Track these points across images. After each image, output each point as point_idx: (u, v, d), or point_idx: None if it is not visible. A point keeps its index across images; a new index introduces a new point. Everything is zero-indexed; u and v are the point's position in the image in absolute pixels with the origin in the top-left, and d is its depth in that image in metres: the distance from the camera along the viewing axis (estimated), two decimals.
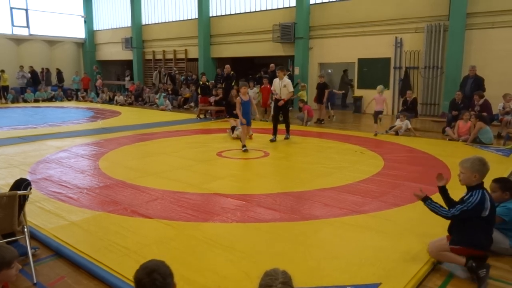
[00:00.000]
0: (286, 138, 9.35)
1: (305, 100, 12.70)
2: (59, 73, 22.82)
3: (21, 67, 21.69)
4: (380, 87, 10.71)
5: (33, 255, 3.34)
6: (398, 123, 10.23)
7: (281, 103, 9.11)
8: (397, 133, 10.05)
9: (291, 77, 15.73)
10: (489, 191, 3.78)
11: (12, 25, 24.29)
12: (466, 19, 12.57)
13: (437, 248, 3.30)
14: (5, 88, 19.98)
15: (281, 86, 9.16)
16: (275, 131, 9.20)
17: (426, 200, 3.34)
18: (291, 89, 9.30)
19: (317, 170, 6.49)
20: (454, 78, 12.54)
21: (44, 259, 3.50)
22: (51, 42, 25.80)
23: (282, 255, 3.47)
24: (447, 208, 3.30)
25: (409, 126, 10.12)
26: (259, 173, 6.56)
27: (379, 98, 10.50)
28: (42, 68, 22.69)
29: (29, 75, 21.79)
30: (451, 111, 10.25)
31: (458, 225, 3.25)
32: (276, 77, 9.40)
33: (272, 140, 9.06)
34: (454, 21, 12.63)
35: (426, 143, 8.93)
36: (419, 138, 9.74)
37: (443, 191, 3.42)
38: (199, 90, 14.79)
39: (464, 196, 3.22)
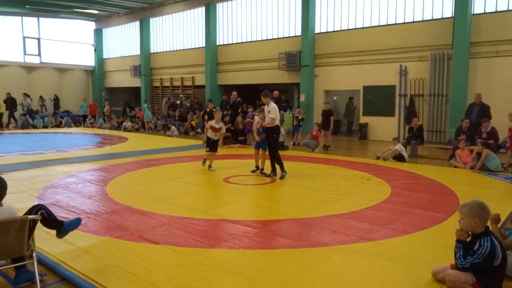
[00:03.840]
0: (281, 177, 7.81)
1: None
2: (56, 99, 23.09)
3: (25, 94, 21.88)
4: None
5: (40, 281, 3.32)
6: (398, 147, 10.22)
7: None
8: (403, 159, 10.01)
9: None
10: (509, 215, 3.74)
11: (24, 53, 25.00)
12: (469, 48, 12.76)
13: (461, 280, 3.15)
14: (1, 115, 19.84)
15: (266, 112, 8.00)
16: (272, 167, 8.11)
17: (460, 242, 3.26)
18: (273, 115, 7.85)
19: (324, 197, 6.47)
20: (460, 106, 12.60)
21: (51, 284, 3.48)
22: (62, 69, 26.45)
23: (290, 282, 3.43)
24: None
25: (404, 154, 10.09)
26: (266, 199, 6.54)
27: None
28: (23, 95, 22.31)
29: (30, 102, 21.73)
30: (457, 138, 10.25)
31: None
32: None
33: (268, 175, 8.05)
34: (457, 50, 12.81)
35: (433, 170, 8.89)
36: (426, 165, 9.71)
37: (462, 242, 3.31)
38: (206, 117, 14.94)
39: (473, 245, 3.15)
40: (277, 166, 8.02)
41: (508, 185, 7.50)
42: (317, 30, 16.75)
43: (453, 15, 13.06)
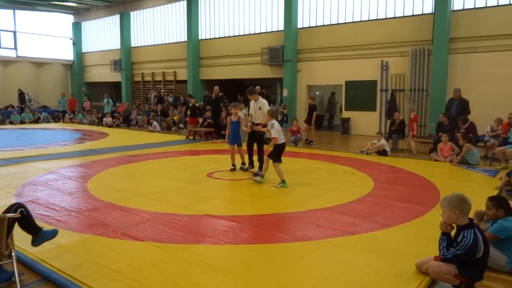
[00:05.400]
0: (256, 174, 7.58)
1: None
2: (21, 94, 22.35)
3: None
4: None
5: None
6: (383, 142, 10.37)
7: (258, 128, 7.64)
8: (385, 153, 10.15)
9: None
10: (485, 209, 3.85)
11: (0, 46, 24.22)
12: (449, 43, 12.97)
13: (444, 271, 3.22)
14: None
15: (256, 108, 7.85)
16: (250, 161, 8.18)
17: (444, 234, 3.31)
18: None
19: (308, 191, 6.50)
20: (439, 100, 12.82)
21: (30, 284, 3.38)
22: (39, 63, 25.77)
23: (276, 276, 3.43)
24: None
25: (387, 149, 10.26)
26: (250, 194, 6.52)
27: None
28: None
29: None
30: (438, 133, 10.44)
31: None
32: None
33: (244, 169, 8.09)
34: (437, 45, 13.01)
35: (414, 164, 9.04)
36: (407, 159, 9.86)
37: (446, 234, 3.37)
38: (188, 112, 14.82)
39: (457, 237, 3.21)
40: (257, 163, 7.98)
41: (487, 178, 7.68)
42: (299, 25, 16.75)
43: (433, 11, 13.24)
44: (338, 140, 14.00)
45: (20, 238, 4.16)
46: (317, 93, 18.97)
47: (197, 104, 14.93)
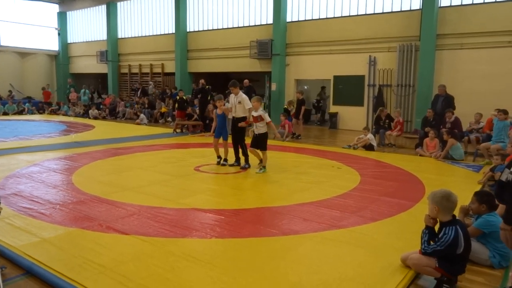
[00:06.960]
0: (243, 167, 7.75)
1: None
2: None
3: None
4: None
5: (1, 274, 3.17)
6: (369, 137, 10.46)
7: (242, 124, 7.71)
8: (371, 148, 10.24)
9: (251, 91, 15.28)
10: (470, 203, 3.91)
11: None
12: (436, 40, 13.08)
13: (423, 263, 3.28)
14: None
15: (236, 102, 7.79)
16: (236, 157, 7.99)
17: (427, 228, 3.36)
18: (248, 105, 7.70)
19: (295, 185, 6.52)
20: (426, 96, 12.95)
21: (13, 278, 3.33)
22: (23, 53, 25.23)
23: (262, 270, 3.44)
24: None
25: (374, 143, 10.37)
26: (237, 188, 6.52)
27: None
28: None
29: None
30: (423, 128, 10.56)
31: None
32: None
33: (231, 165, 7.95)
34: (424, 41, 13.12)
35: (400, 159, 9.13)
36: (393, 154, 9.96)
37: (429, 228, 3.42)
38: (176, 105, 14.72)
39: (439, 232, 3.26)
40: (242, 157, 7.92)
41: (471, 173, 7.80)
42: (288, 19, 16.70)
43: (421, 7, 13.33)
44: (325, 135, 14.06)
45: (3, 232, 4.12)
46: (305, 87, 19.00)
47: (184, 97, 14.82)
